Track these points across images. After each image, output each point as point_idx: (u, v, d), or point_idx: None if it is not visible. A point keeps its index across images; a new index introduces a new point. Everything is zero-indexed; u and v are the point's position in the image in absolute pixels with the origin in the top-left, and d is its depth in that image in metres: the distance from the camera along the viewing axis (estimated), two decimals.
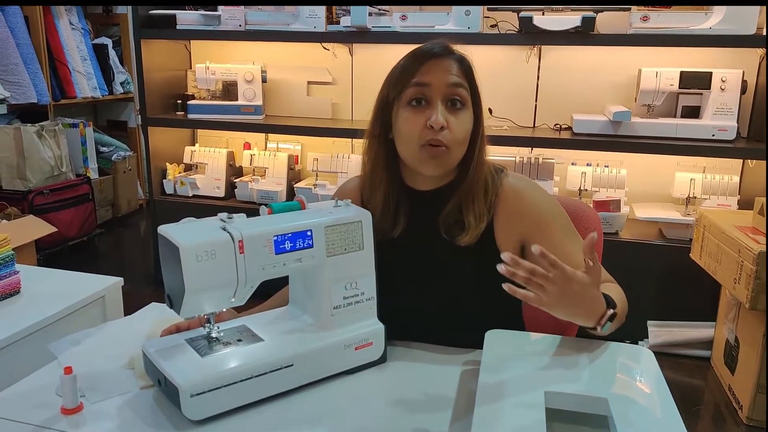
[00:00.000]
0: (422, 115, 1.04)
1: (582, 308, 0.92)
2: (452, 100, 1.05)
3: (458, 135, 1.05)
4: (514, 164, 2.71)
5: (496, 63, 2.84)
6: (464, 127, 1.06)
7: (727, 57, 2.59)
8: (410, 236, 1.13)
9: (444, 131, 1.03)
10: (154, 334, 1.07)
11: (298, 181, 3.12)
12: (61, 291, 1.43)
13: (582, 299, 0.91)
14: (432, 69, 1.05)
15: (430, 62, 1.05)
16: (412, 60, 1.07)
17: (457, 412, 0.90)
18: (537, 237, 1.09)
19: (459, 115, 1.05)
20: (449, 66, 1.05)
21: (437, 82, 1.04)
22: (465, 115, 1.06)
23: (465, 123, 1.06)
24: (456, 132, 1.04)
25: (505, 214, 1.10)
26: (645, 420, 0.79)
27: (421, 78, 1.04)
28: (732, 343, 2.22)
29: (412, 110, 1.05)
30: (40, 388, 0.96)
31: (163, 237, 0.87)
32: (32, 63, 3.66)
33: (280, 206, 0.98)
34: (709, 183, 2.59)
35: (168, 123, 3.14)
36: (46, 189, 3.47)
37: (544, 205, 1.11)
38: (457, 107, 1.05)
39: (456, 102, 1.05)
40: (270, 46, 3.16)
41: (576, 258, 1.08)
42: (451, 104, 1.05)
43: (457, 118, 1.05)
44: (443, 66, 1.05)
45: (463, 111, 1.06)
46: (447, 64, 1.05)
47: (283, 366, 0.92)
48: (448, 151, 1.05)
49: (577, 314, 0.92)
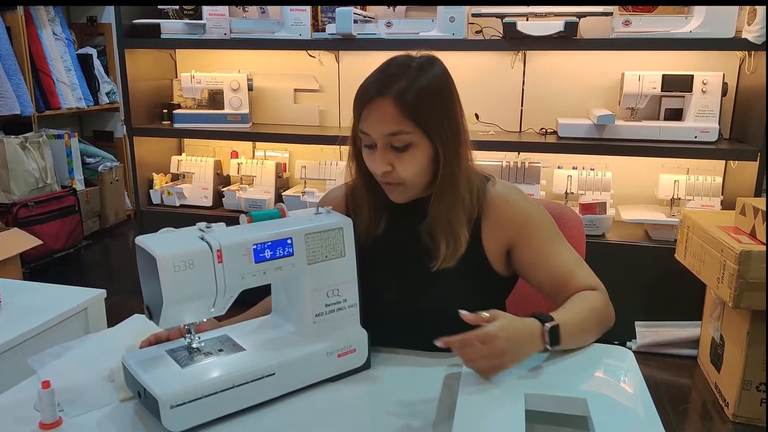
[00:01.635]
0: (373, 155, 1.05)
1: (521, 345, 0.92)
2: (392, 145, 1.03)
3: (406, 174, 1.04)
4: (500, 169, 2.72)
5: (482, 69, 2.86)
6: (411, 165, 1.04)
7: (708, 60, 2.62)
8: (395, 244, 1.13)
9: (391, 173, 1.04)
10: (135, 346, 1.06)
11: (287, 189, 3.11)
12: (43, 304, 1.42)
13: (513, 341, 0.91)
14: (370, 116, 1.02)
15: (368, 108, 1.02)
16: (356, 101, 1.05)
17: (440, 416, 0.90)
18: (523, 242, 1.10)
19: (404, 156, 1.03)
20: (385, 112, 1.00)
21: (375, 133, 1.02)
22: (413, 153, 1.03)
23: (412, 161, 1.03)
24: (403, 172, 1.04)
25: (492, 220, 1.10)
26: (623, 420, 0.80)
27: (362, 126, 1.04)
28: (717, 341, 2.24)
29: (368, 151, 1.06)
30: (18, 402, 0.95)
31: (140, 248, 0.87)
32: (15, 74, 3.64)
33: (260, 214, 0.98)
34: (693, 184, 2.61)
35: (154, 133, 3.13)
36: (30, 201, 3.44)
37: (530, 211, 1.12)
38: (400, 150, 1.03)
39: (396, 148, 1.03)
40: (256, 54, 3.16)
41: (563, 262, 1.09)
42: (394, 148, 1.03)
43: (401, 160, 1.03)
44: (379, 113, 1.01)
45: (410, 151, 1.03)
46: (383, 109, 1.01)
47: (265, 375, 0.92)
48: (402, 186, 1.06)
49: (522, 352, 0.92)
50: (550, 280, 1.09)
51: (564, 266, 1.09)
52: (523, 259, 1.11)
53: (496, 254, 1.11)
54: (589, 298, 1.05)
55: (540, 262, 1.10)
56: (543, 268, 1.10)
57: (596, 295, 1.06)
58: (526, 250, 1.10)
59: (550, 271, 1.09)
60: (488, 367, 0.89)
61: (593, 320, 1.02)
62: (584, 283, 1.08)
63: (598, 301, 1.05)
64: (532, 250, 1.10)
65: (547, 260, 1.10)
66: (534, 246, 1.10)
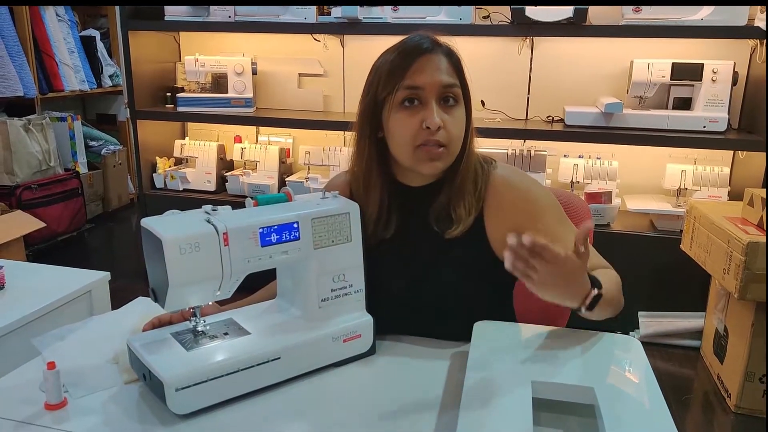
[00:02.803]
0: (416, 116, 1.01)
1: (569, 289, 0.91)
2: (445, 98, 1.03)
3: (455, 133, 1.03)
4: (506, 156, 2.70)
5: (489, 55, 2.83)
6: (460, 124, 1.04)
7: (719, 48, 2.59)
8: (402, 231, 1.12)
9: (441, 131, 1.01)
10: (139, 329, 1.05)
11: (290, 175, 3.10)
12: (47, 286, 1.41)
13: (571, 281, 0.90)
14: (423, 68, 1.01)
15: (420, 60, 1.01)
16: (401, 58, 1.02)
17: (445, 403, 0.90)
18: (529, 226, 1.07)
19: (453, 112, 1.03)
20: (439, 63, 1.02)
21: (430, 84, 1.01)
22: (459, 111, 1.04)
23: (460, 120, 1.05)
24: (452, 130, 1.03)
25: (496, 205, 1.08)
26: (631, 409, 0.79)
27: (413, 80, 1.01)
28: (721, 332, 2.23)
29: (406, 111, 1.02)
30: (23, 383, 0.94)
31: (146, 230, 0.86)
32: (18, 55, 3.61)
33: (266, 198, 0.97)
34: (700, 174, 2.59)
35: (157, 116, 3.11)
36: (34, 184, 3.43)
37: (535, 195, 1.09)
38: (450, 104, 1.03)
39: (449, 99, 1.03)
40: (260, 38, 3.14)
41: (568, 246, 1.08)
42: (444, 102, 1.02)
43: (452, 117, 1.03)
44: (434, 64, 1.02)
45: (457, 108, 1.04)
46: (437, 61, 1.02)
47: (270, 359, 0.92)
48: (446, 150, 1.03)
49: (565, 294, 0.92)
50: None
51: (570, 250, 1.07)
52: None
53: (501, 241, 1.09)
54: (613, 276, 1.05)
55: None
56: None
57: (616, 274, 1.06)
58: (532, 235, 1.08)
59: None
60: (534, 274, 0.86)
61: (617, 298, 1.02)
62: (597, 265, 1.07)
63: (618, 281, 1.05)
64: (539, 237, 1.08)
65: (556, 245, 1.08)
66: (540, 231, 1.07)
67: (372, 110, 1.06)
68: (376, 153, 1.09)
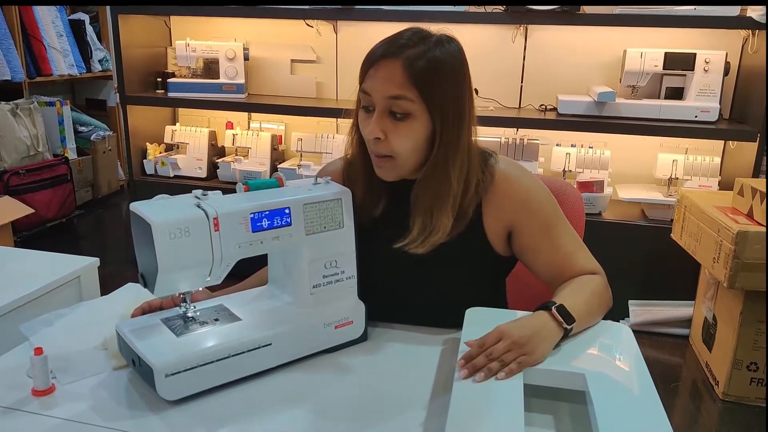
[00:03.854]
0: (369, 120, 1.00)
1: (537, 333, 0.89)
2: (392, 111, 0.99)
3: (398, 146, 0.99)
4: (499, 145, 2.69)
5: (483, 43, 2.82)
6: (406, 137, 0.99)
7: (711, 38, 2.59)
8: (392, 220, 1.11)
9: (379, 142, 0.99)
10: (128, 315, 1.04)
11: (282, 162, 3.08)
12: (35, 271, 1.40)
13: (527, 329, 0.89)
14: (375, 75, 0.98)
15: (375, 67, 0.98)
16: (364, 60, 1.01)
17: (436, 389, 0.90)
18: (524, 224, 1.07)
19: (400, 125, 0.98)
20: (392, 73, 0.96)
21: (376, 93, 0.98)
22: (410, 124, 0.98)
23: (409, 132, 0.99)
24: (395, 143, 0.99)
25: (494, 199, 1.07)
26: (621, 395, 0.80)
27: (365, 85, 1.00)
28: (710, 321, 2.25)
29: (363, 115, 1.02)
30: (10, 369, 0.94)
31: (135, 214, 0.85)
32: (5, 39, 3.56)
33: (257, 183, 0.96)
34: (691, 164, 2.60)
35: (148, 101, 3.08)
36: (22, 169, 3.39)
37: (532, 192, 1.08)
38: (398, 118, 0.98)
39: (395, 113, 0.98)
40: (252, 23, 3.10)
41: (563, 247, 1.07)
42: (392, 115, 0.99)
43: (397, 129, 0.99)
44: (386, 73, 0.97)
45: (408, 121, 0.98)
46: (390, 70, 0.96)
47: (261, 345, 0.91)
48: (392, 160, 1.01)
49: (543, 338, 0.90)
50: (549, 266, 1.07)
51: (564, 251, 1.07)
52: (523, 243, 1.08)
53: (497, 235, 1.09)
54: (588, 281, 1.04)
55: (540, 247, 1.07)
56: (542, 254, 1.07)
57: (596, 278, 1.05)
58: (526, 233, 1.07)
59: (549, 257, 1.07)
60: (518, 360, 0.84)
61: (595, 302, 1.01)
62: (584, 268, 1.06)
63: (597, 284, 1.04)
64: (532, 234, 1.07)
65: (547, 245, 1.07)
66: (534, 229, 1.07)
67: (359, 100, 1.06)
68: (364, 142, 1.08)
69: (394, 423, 0.83)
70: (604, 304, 1.04)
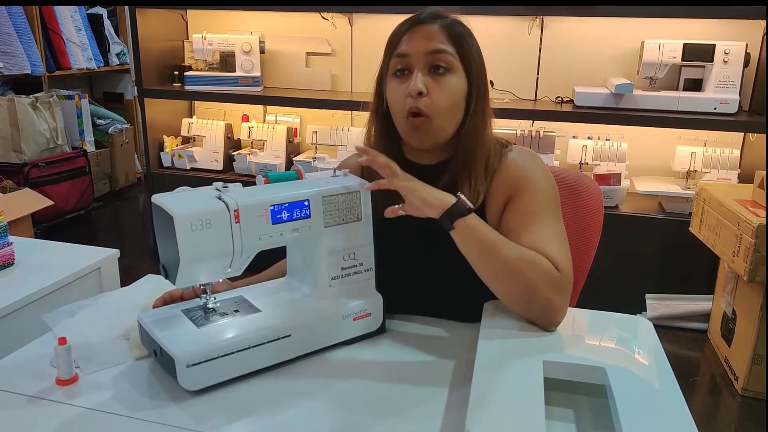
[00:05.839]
0: (405, 84, 1.01)
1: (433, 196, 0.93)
2: (434, 66, 1.01)
3: (440, 101, 1.00)
4: (515, 137, 2.68)
5: (498, 35, 2.80)
6: (448, 92, 1.01)
7: (731, 29, 2.55)
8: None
9: (423, 98, 1.00)
10: (149, 306, 1.06)
11: (297, 154, 3.09)
12: (57, 262, 1.42)
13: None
14: (412, 37, 1.02)
15: (412, 30, 1.02)
16: (397, 29, 1.04)
17: (455, 382, 0.90)
18: (518, 197, 1.04)
19: (442, 80, 1.00)
20: (431, 33, 1.01)
21: (416, 51, 1.01)
22: (451, 79, 1.01)
23: (450, 88, 1.01)
24: (437, 98, 1.00)
25: (498, 181, 1.07)
26: (643, 389, 0.79)
27: (402, 48, 1.02)
28: (729, 315, 2.23)
29: (396, 80, 1.03)
30: (34, 359, 0.95)
31: (157, 206, 0.86)
32: (25, 33, 3.60)
33: (277, 176, 0.96)
34: (710, 156, 2.57)
35: (165, 94, 3.10)
36: (41, 162, 3.44)
37: (535, 176, 1.06)
38: (440, 72, 1.01)
39: (438, 67, 1.01)
40: (268, 16, 3.11)
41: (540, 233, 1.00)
42: (434, 70, 1.01)
43: (439, 84, 1.00)
44: (424, 33, 1.01)
45: (449, 76, 1.01)
46: (429, 31, 1.01)
47: (280, 336, 0.92)
48: (429, 120, 1.01)
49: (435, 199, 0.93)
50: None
51: (537, 235, 0.99)
52: (507, 221, 1.04)
53: (495, 209, 1.06)
54: (531, 251, 0.95)
55: (519, 229, 1.01)
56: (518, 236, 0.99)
57: (543, 259, 0.94)
58: (512, 212, 1.04)
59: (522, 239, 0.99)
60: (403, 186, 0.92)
61: (506, 258, 0.93)
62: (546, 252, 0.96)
63: (536, 263, 0.93)
64: (516, 214, 1.03)
65: (525, 228, 1.00)
66: (521, 209, 1.03)
67: (379, 83, 1.08)
68: (384, 128, 1.09)
69: (414, 414, 0.83)
70: (525, 276, 0.92)
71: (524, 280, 0.92)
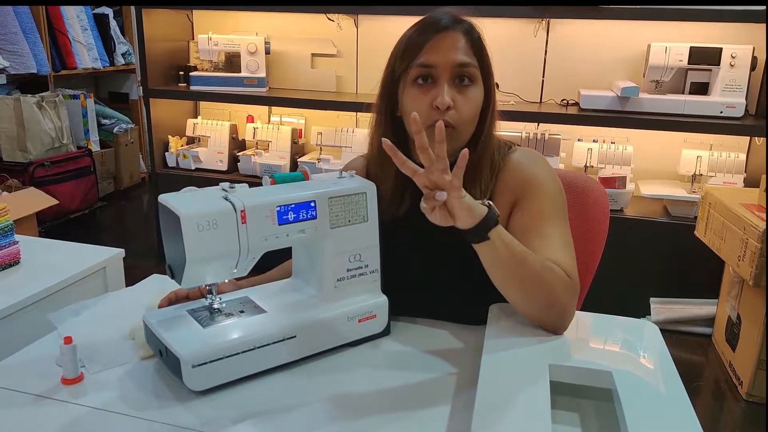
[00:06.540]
0: (428, 94, 1.00)
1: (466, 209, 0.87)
2: (460, 77, 1.00)
3: (466, 114, 1.01)
4: (520, 140, 2.68)
5: (504, 37, 2.79)
6: (473, 105, 1.02)
7: (738, 32, 2.54)
8: (416, 212, 1.11)
9: (450, 111, 0.99)
10: (154, 306, 1.06)
11: (302, 155, 3.09)
12: (62, 262, 1.42)
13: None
14: (438, 46, 0.99)
15: (437, 38, 1.00)
16: (419, 33, 1.01)
17: (460, 384, 0.90)
18: (526, 200, 1.04)
19: (467, 92, 1.00)
20: (456, 41, 1.00)
21: (443, 62, 0.99)
22: (474, 91, 1.02)
23: (473, 100, 1.02)
24: (463, 111, 1.00)
25: (503, 183, 1.07)
26: (649, 393, 0.79)
27: (426, 57, 0.99)
28: (734, 320, 2.22)
29: (418, 89, 1.01)
30: (40, 358, 0.95)
31: (163, 206, 0.86)
32: (31, 32, 3.61)
33: (283, 176, 0.96)
34: (716, 160, 2.56)
35: (170, 95, 3.11)
36: (46, 161, 3.45)
37: (541, 177, 1.06)
38: (465, 84, 1.01)
39: (464, 78, 1.01)
40: (274, 17, 3.11)
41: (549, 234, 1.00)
42: (459, 80, 1.00)
43: (464, 96, 1.00)
44: (449, 42, 0.99)
45: (472, 87, 1.01)
46: (454, 38, 1.00)
47: (286, 337, 0.92)
48: (455, 131, 1.01)
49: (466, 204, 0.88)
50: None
51: (546, 242, 0.99)
52: (514, 223, 1.04)
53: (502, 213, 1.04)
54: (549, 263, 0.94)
55: (526, 230, 1.01)
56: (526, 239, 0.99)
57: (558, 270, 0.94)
58: (521, 214, 1.04)
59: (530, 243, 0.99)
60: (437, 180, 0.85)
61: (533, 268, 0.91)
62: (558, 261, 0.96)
63: (555, 272, 0.93)
64: (525, 216, 1.03)
65: (534, 233, 1.00)
66: (529, 212, 1.03)
67: (389, 87, 1.06)
68: (393, 131, 1.08)
69: (419, 417, 0.83)
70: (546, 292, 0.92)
71: (547, 289, 0.92)
